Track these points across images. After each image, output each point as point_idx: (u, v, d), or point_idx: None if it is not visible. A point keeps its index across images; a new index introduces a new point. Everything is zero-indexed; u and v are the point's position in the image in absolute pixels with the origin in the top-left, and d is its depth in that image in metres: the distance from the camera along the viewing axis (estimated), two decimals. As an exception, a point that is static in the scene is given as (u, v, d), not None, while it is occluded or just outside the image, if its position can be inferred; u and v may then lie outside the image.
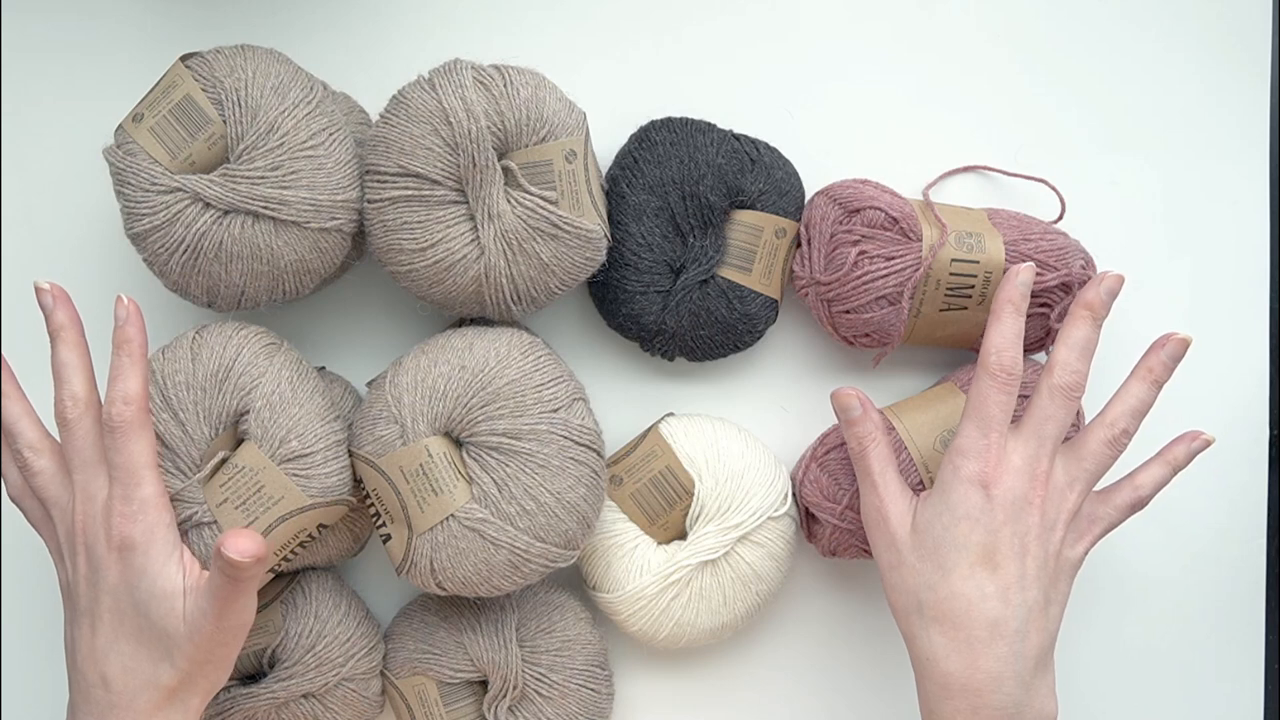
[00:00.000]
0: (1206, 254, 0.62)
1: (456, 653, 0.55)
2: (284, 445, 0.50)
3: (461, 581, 0.51)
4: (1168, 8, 0.62)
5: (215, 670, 0.46)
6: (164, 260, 0.51)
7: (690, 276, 0.55)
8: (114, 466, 0.46)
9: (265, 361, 0.52)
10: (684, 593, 0.55)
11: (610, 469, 0.56)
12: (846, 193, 0.56)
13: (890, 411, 0.57)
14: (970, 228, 0.56)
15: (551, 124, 0.52)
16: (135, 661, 0.45)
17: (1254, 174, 0.62)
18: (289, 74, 0.52)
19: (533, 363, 0.53)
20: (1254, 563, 0.62)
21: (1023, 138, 0.61)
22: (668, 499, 0.56)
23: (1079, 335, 0.51)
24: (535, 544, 0.51)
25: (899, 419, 0.56)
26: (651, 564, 0.55)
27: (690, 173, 0.55)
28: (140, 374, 0.47)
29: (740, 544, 0.55)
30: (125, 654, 0.45)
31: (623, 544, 0.56)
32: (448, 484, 0.51)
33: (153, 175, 0.50)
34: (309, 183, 0.51)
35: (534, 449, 0.51)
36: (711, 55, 0.61)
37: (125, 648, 0.45)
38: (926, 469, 0.54)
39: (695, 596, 0.55)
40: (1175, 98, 0.62)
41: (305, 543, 0.52)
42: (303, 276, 0.53)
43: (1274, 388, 0.62)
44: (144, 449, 0.46)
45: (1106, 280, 0.52)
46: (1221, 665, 0.62)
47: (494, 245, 0.52)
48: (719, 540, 0.55)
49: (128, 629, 0.45)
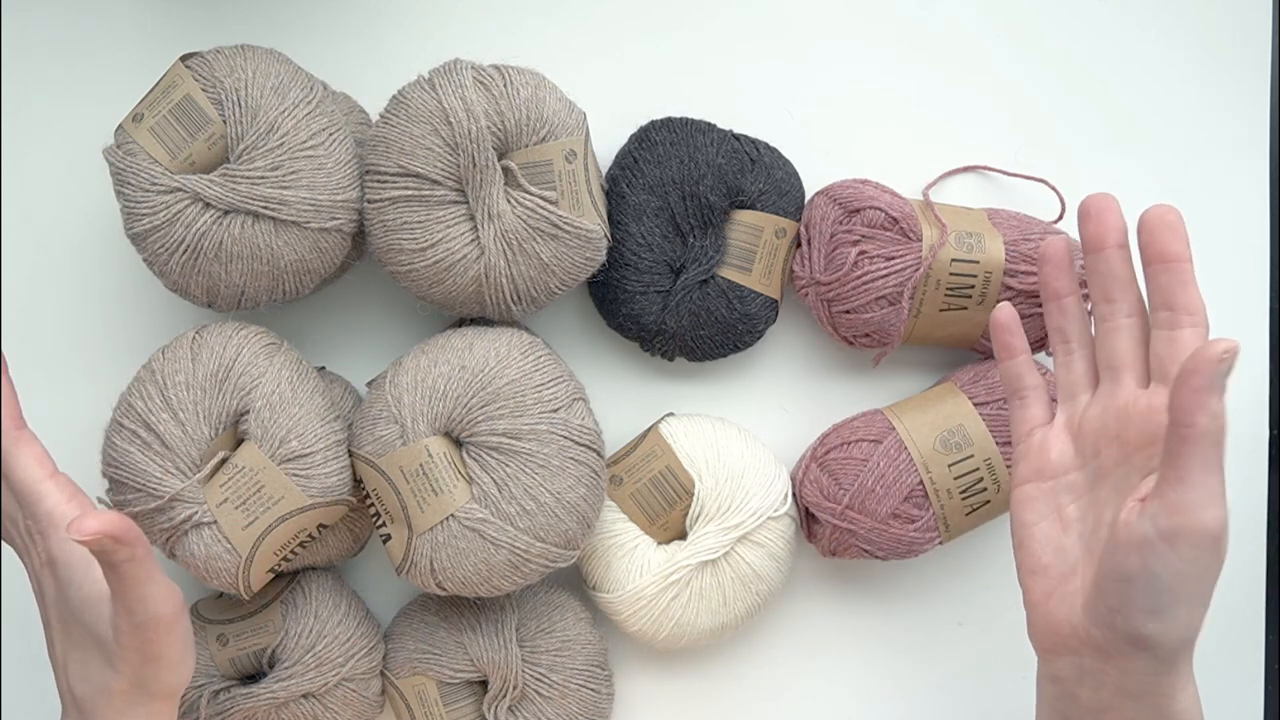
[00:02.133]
0: (1206, 254, 0.62)
1: (456, 653, 0.55)
2: (284, 445, 0.50)
3: (461, 581, 0.51)
4: (1168, 7, 0.62)
5: (160, 669, 0.44)
6: (164, 260, 0.51)
7: (690, 276, 0.55)
8: (13, 491, 0.45)
9: (265, 361, 0.52)
10: (684, 593, 0.55)
11: (610, 469, 0.56)
12: (846, 193, 0.56)
13: (890, 411, 0.57)
14: (970, 228, 0.56)
15: (551, 124, 0.52)
16: (86, 669, 0.44)
17: (1254, 174, 0.62)
18: (289, 74, 0.52)
19: (533, 362, 0.53)
20: (1254, 563, 0.62)
21: (1023, 138, 0.61)
22: (668, 499, 0.56)
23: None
24: (535, 544, 0.51)
25: (899, 419, 0.56)
26: (651, 564, 0.55)
27: (690, 173, 0.55)
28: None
29: (740, 544, 0.55)
30: (78, 662, 0.45)
31: (623, 544, 0.56)
32: (448, 484, 0.51)
33: (153, 175, 0.50)
34: (309, 183, 0.51)
35: (534, 449, 0.51)
36: (711, 55, 0.61)
37: (77, 655, 0.45)
38: (926, 469, 0.54)
39: (695, 596, 0.55)
40: (1175, 98, 0.62)
41: (305, 543, 0.52)
42: (303, 276, 0.53)
43: (1274, 388, 0.62)
44: (28, 464, 0.44)
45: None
46: (1221, 665, 0.62)
47: (494, 245, 0.52)
48: (719, 540, 0.55)
49: (74, 639, 0.45)
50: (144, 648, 0.43)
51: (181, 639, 0.44)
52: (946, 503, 0.55)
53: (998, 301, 0.56)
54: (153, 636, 0.43)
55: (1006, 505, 0.56)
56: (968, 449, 0.55)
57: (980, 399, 0.56)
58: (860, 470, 0.55)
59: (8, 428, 0.45)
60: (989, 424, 0.55)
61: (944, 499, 0.55)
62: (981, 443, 0.55)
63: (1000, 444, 0.55)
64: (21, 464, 0.44)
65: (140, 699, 0.44)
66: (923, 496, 0.55)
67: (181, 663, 0.45)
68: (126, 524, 0.41)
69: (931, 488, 0.54)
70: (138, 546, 0.41)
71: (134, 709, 0.44)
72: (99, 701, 0.44)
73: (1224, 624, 0.62)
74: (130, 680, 0.44)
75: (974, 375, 0.57)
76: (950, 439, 0.55)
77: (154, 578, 0.42)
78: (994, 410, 0.56)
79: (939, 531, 0.55)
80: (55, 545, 0.44)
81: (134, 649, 0.43)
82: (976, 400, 0.56)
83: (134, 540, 0.41)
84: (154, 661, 0.43)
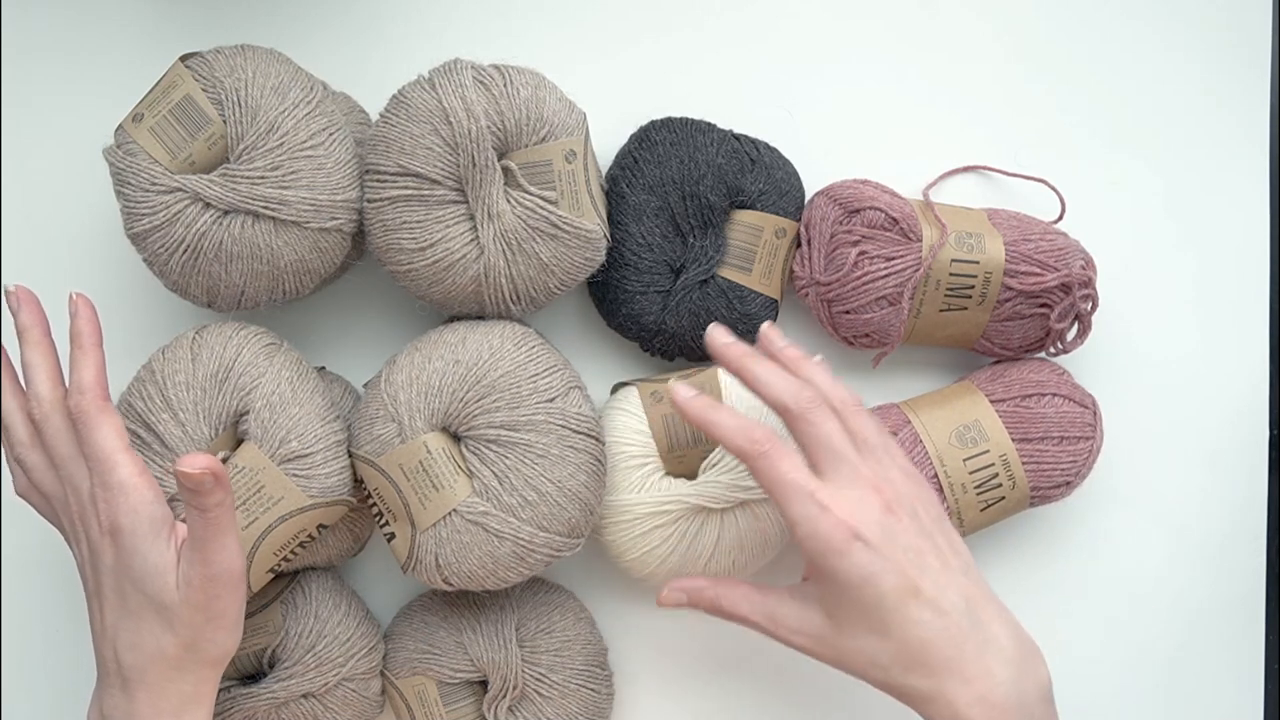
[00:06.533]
0: (1206, 254, 0.62)
1: (456, 653, 0.55)
2: (284, 445, 0.50)
3: (468, 575, 0.51)
4: (1168, 7, 0.62)
5: (216, 630, 0.47)
6: (164, 260, 0.51)
7: (690, 276, 0.55)
8: (87, 457, 0.47)
9: (265, 362, 0.52)
10: (669, 527, 0.54)
11: (654, 385, 0.56)
12: (847, 193, 0.56)
13: (906, 406, 0.57)
14: (970, 228, 0.56)
15: (551, 124, 0.52)
16: (139, 637, 0.46)
17: (1254, 173, 0.62)
18: (289, 74, 0.52)
19: (526, 353, 0.53)
20: (1254, 563, 0.62)
21: (1023, 138, 0.61)
22: (696, 436, 0.55)
23: (762, 370, 0.50)
24: (539, 534, 0.51)
25: (915, 414, 0.56)
26: (652, 486, 0.54)
27: (690, 173, 0.55)
28: (93, 363, 0.48)
29: (742, 508, 0.54)
30: (130, 630, 0.46)
31: (633, 455, 0.55)
32: (448, 479, 0.51)
33: (153, 175, 0.50)
34: (309, 183, 0.51)
35: (532, 439, 0.51)
36: (712, 55, 0.61)
37: (129, 624, 0.46)
38: (941, 462, 0.54)
39: (677, 536, 0.54)
40: (1175, 97, 0.62)
41: (305, 543, 0.52)
42: (303, 276, 0.53)
43: (1274, 388, 0.62)
44: (108, 435, 0.47)
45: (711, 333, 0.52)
46: (1221, 665, 0.62)
47: (493, 245, 0.52)
48: (725, 493, 0.54)
49: (130, 607, 0.46)
50: (210, 603, 0.46)
51: (241, 601, 0.47)
52: (961, 497, 0.55)
53: (998, 301, 0.56)
54: (220, 591, 0.46)
55: (1022, 503, 0.56)
56: (983, 444, 0.55)
57: (998, 396, 0.56)
58: None
59: (96, 397, 0.47)
60: (1005, 421, 0.55)
61: (959, 493, 0.55)
62: (997, 439, 0.55)
63: (1017, 441, 0.55)
64: (103, 433, 0.47)
65: (191, 664, 0.47)
66: (937, 490, 0.55)
67: (236, 627, 0.48)
68: (224, 469, 0.45)
69: (946, 481, 0.55)
70: (229, 494, 0.45)
71: (183, 675, 0.47)
72: (149, 668, 0.46)
73: (1224, 624, 0.62)
74: (185, 642, 0.46)
75: (992, 374, 0.57)
76: (966, 434, 0.55)
77: (234, 529, 0.46)
78: (1011, 408, 0.56)
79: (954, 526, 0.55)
80: (123, 514, 0.46)
81: (200, 605, 0.46)
82: (994, 398, 0.56)
83: (227, 486, 0.45)
84: (216, 620, 0.46)
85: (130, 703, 0.46)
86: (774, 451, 0.48)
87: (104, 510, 0.46)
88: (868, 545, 0.47)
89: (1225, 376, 0.62)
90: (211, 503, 0.44)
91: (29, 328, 0.49)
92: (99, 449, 0.46)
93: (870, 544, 0.47)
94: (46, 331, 0.49)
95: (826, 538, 0.47)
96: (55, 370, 0.49)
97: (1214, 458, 0.62)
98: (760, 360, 0.51)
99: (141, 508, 0.46)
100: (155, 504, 0.46)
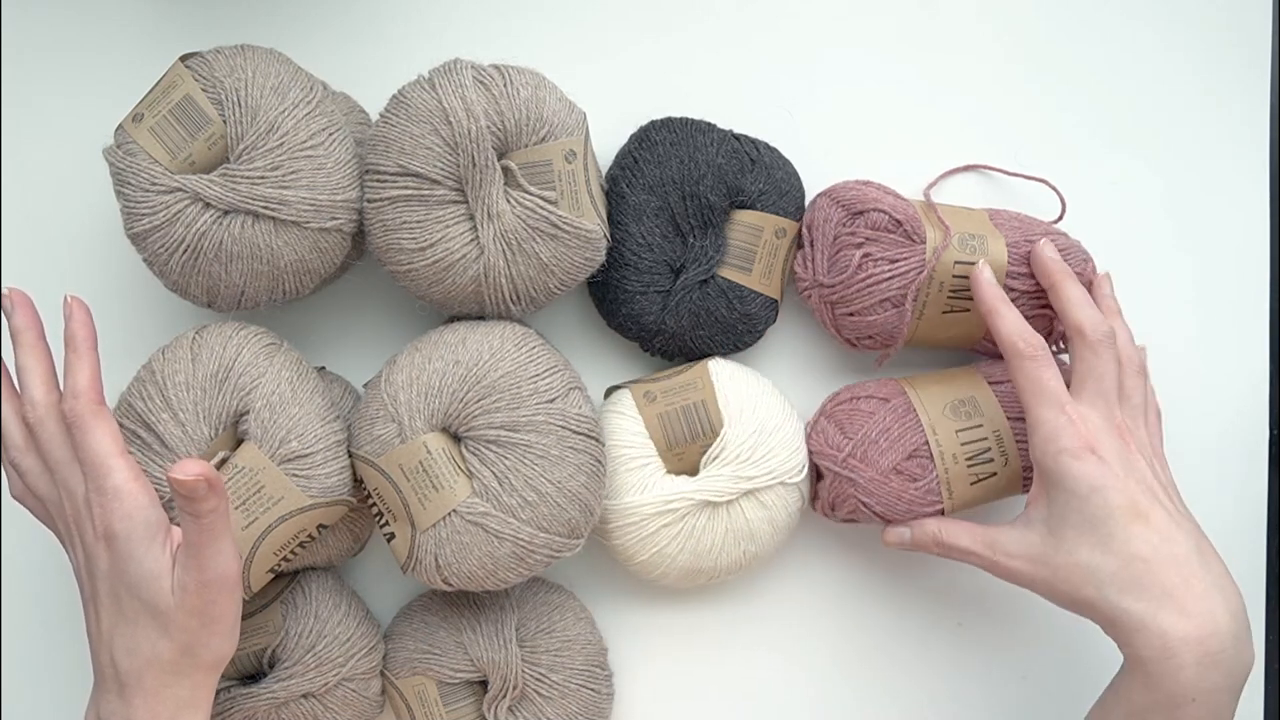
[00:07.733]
0: (1206, 254, 0.62)
1: (456, 653, 0.55)
2: (284, 445, 0.50)
3: (467, 576, 0.51)
4: (1168, 7, 0.62)
5: (212, 635, 0.46)
6: (164, 260, 0.51)
7: (690, 276, 0.55)
8: (81, 462, 0.47)
9: (265, 362, 0.52)
10: (676, 525, 0.54)
11: (645, 385, 0.56)
12: (850, 194, 0.56)
13: (906, 381, 0.57)
14: (973, 229, 0.56)
15: (551, 124, 0.52)
16: (135, 642, 0.46)
17: (1254, 173, 0.62)
18: (289, 74, 0.52)
19: (526, 354, 0.53)
20: (1254, 563, 0.62)
21: (1023, 138, 0.61)
22: (693, 431, 0.55)
23: (1077, 292, 0.53)
24: (539, 534, 0.51)
25: (913, 388, 0.56)
26: (655, 486, 0.54)
27: (690, 173, 0.55)
28: (88, 367, 0.48)
29: (746, 498, 0.55)
30: (126, 635, 0.46)
31: (633, 457, 0.55)
32: (448, 479, 0.51)
33: (153, 175, 0.50)
34: (309, 183, 0.51)
35: (532, 440, 0.51)
36: (711, 55, 0.61)
37: (125, 629, 0.46)
38: (933, 430, 0.54)
39: (685, 533, 0.54)
40: (1176, 97, 0.62)
41: (305, 543, 0.52)
42: (303, 276, 0.53)
43: (1274, 388, 0.62)
44: (103, 439, 0.46)
45: (1044, 247, 0.55)
46: (1222, 665, 0.62)
47: (493, 245, 0.52)
48: (729, 486, 0.54)
49: (125, 611, 0.46)
50: (206, 608, 0.46)
51: (237, 605, 0.47)
52: (951, 467, 0.54)
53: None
54: (216, 597, 0.46)
55: (1015, 484, 0.56)
56: (977, 418, 0.55)
57: (997, 378, 0.56)
58: (866, 422, 0.55)
59: (90, 401, 0.47)
60: (1002, 400, 0.55)
61: (948, 463, 0.54)
62: (992, 414, 0.55)
63: (1012, 419, 0.55)
64: (97, 438, 0.46)
65: (187, 668, 0.46)
66: (927, 458, 0.55)
67: (232, 631, 0.47)
68: (219, 476, 0.44)
69: (937, 449, 0.54)
70: (223, 500, 0.45)
71: (179, 680, 0.46)
72: (145, 673, 0.46)
73: (1224, 624, 0.62)
74: (181, 647, 0.46)
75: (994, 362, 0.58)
76: (961, 407, 0.55)
77: (229, 535, 0.46)
78: (1009, 388, 0.56)
79: (941, 497, 0.55)
80: (118, 519, 0.46)
81: (195, 610, 0.46)
82: (992, 379, 0.56)
83: (222, 492, 0.45)
84: (211, 624, 0.46)
85: (127, 708, 0.46)
86: (1044, 358, 0.51)
87: (99, 515, 0.46)
88: (1102, 460, 0.49)
89: (1225, 376, 0.62)
90: (206, 509, 0.44)
91: (23, 331, 0.49)
92: (93, 453, 0.46)
93: (1105, 460, 0.49)
94: (41, 335, 0.49)
95: (1067, 441, 0.49)
96: (50, 374, 0.49)
97: (1214, 457, 0.62)
98: (1078, 285, 0.54)
99: (136, 513, 0.45)
100: (150, 509, 0.46)
